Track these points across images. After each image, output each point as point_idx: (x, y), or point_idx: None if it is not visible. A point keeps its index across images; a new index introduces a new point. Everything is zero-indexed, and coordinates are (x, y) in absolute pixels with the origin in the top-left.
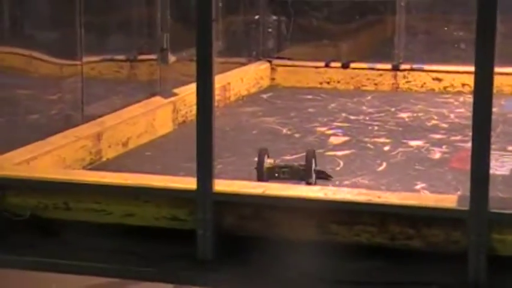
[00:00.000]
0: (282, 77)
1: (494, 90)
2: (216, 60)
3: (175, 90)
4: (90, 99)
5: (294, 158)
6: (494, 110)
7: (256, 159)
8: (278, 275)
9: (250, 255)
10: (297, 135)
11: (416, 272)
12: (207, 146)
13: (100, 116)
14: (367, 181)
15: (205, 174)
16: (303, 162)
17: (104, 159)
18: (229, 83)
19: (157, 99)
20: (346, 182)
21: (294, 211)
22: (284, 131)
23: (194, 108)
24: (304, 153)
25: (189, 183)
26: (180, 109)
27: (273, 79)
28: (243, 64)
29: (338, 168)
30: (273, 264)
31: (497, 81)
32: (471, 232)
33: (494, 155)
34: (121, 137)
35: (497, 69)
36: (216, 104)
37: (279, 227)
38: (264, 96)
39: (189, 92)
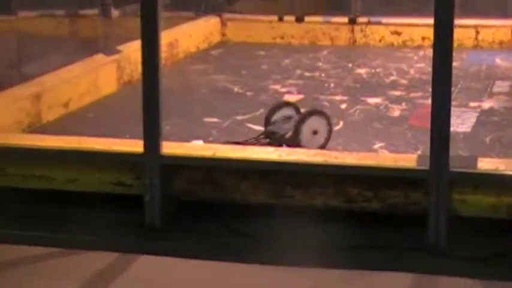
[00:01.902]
0: (232, 33)
1: (455, 44)
2: (162, 15)
3: (119, 48)
4: (28, 57)
5: (246, 118)
6: (455, 64)
7: (207, 119)
8: (229, 242)
9: (201, 222)
10: (249, 93)
11: (375, 235)
12: (154, 106)
13: (39, 76)
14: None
15: (152, 136)
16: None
17: (44, 121)
18: (176, 40)
19: (100, 57)
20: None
21: (247, 174)
22: (236, 89)
23: (140, 66)
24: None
25: (135, 145)
26: (125, 67)
27: (223, 35)
28: (191, 19)
29: None
30: (225, 231)
31: (458, 34)
32: (431, 193)
33: (455, 111)
34: (62, 98)
35: (457, 22)
36: (162, 61)
37: (231, 191)
38: (214, 52)
39: (133, 49)
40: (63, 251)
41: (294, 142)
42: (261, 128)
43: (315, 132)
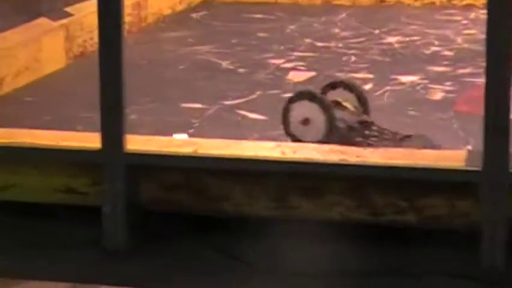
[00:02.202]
0: None
1: None
2: None
3: (68, 9)
4: None
5: (238, 103)
6: None
7: (186, 105)
8: (215, 267)
9: (178, 241)
10: (241, 70)
11: (409, 258)
12: (115, 88)
13: None
14: None
15: (112, 127)
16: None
17: None
18: None
19: (44, 22)
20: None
21: (239, 177)
22: (224, 64)
23: (95, 34)
24: (253, 96)
25: (91, 140)
26: (76, 36)
27: None
28: None
29: None
30: (209, 253)
31: None
32: (485, 201)
33: None
34: None
35: None
36: (126, 27)
37: (218, 200)
38: (195, 15)
39: (87, 12)
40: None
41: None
42: (258, 116)
43: None
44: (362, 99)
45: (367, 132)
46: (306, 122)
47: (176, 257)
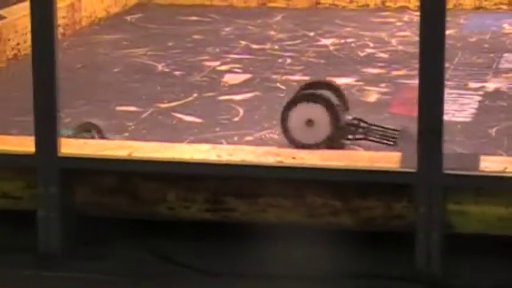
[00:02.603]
0: None
1: (450, 4)
2: None
3: (1, 12)
4: None
5: (174, 106)
6: (449, 32)
7: (121, 108)
8: (153, 271)
9: (115, 245)
10: (177, 73)
11: (344, 261)
12: (48, 91)
13: None
14: (277, 136)
15: (46, 131)
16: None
17: None
18: (79, 1)
19: None
20: (249, 138)
21: (174, 180)
22: (159, 67)
23: (29, 37)
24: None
25: (24, 144)
26: (10, 38)
27: None
28: None
29: (236, 119)
30: (147, 257)
31: None
32: (420, 203)
33: (450, 95)
34: None
35: None
36: (61, 30)
37: (153, 205)
38: (130, 18)
39: (20, 15)
40: None
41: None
42: (193, 119)
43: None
44: (342, 97)
45: (360, 129)
46: (309, 123)
47: (114, 263)
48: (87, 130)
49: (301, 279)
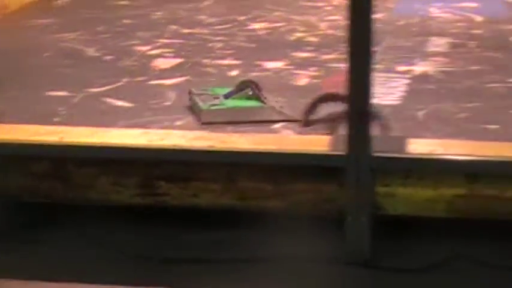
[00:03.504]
0: None
1: None
2: None
3: None
4: None
5: (105, 91)
6: (378, 16)
7: (52, 93)
8: (89, 255)
9: (51, 230)
10: (108, 57)
11: (274, 243)
12: None
13: None
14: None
15: None
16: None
17: None
18: None
19: None
20: (179, 123)
21: (105, 165)
22: (89, 52)
23: None
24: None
25: None
26: None
27: None
28: None
29: (168, 103)
30: (76, 240)
31: None
32: (349, 185)
33: (379, 78)
34: None
35: None
36: None
37: (85, 189)
38: (60, 2)
39: None
40: None
41: None
42: (124, 104)
43: None
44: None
45: None
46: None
47: (49, 247)
48: (246, 87)
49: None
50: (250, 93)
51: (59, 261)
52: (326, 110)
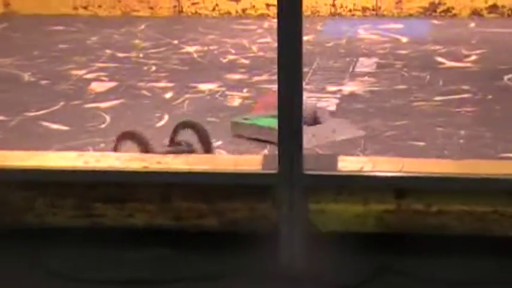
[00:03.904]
0: (19, 2)
1: (308, 11)
2: None
3: None
4: None
5: (41, 115)
6: (307, 38)
7: None
8: (18, 278)
9: None
10: (44, 82)
11: (211, 261)
12: None
13: None
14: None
15: None
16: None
17: None
18: None
19: None
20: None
21: (42, 188)
22: (26, 77)
23: None
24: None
25: None
26: None
27: (6, 4)
28: None
29: (103, 126)
30: (12, 265)
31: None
32: (282, 203)
33: (309, 98)
34: None
35: None
36: None
37: (22, 211)
38: None
39: None
40: None
41: None
42: (60, 127)
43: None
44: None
45: None
46: None
47: None
48: None
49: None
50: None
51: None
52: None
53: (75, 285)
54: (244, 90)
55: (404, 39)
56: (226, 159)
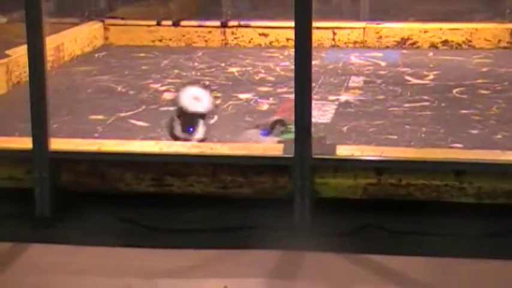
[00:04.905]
0: (115, 36)
1: (315, 44)
2: (48, 20)
3: (8, 52)
4: None
5: (129, 115)
6: (315, 62)
7: (93, 117)
8: (113, 228)
9: (87, 211)
10: (131, 92)
11: (246, 218)
12: (41, 105)
13: None
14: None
15: (40, 133)
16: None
17: None
18: (62, 43)
19: None
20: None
21: (129, 165)
22: (119, 88)
23: (27, 69)
24: (139, 110)
25: (25, 142)
26: (14, 70)
27: (106, 38)
28: (76, 24)
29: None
30: (109, 218)
31: (317, 35)
32: (296, 177)
33: (316, 104)
34: None
35: (316, 24)
36: (50, 64)
37: (116, 182)
38: (98, 55)
39: (22, 54)
40: None
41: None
42: (143, 124)
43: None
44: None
45: None
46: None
47: (90, 223)
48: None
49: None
50: (282, 129)
51: (96, 233)
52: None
53: (153, 233)
54: (270, 98)
55: (383, 64)
56: (258, 146)
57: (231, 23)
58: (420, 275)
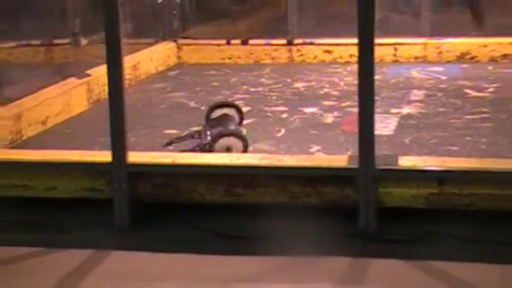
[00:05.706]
0: (187, 55)
1: (377, 60)
2: (125, 41)
3: (89, 72)
4: (8, 83)
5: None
6: (377, 77)
7: (167, 131)
8: (188, 237)
9: (163, 221)
10: (203, 107)
11: (314, 224)
12: (120, 120)
13: (19, 99)
14: (268, 146)
15: (119, 147)
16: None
17: (25, 137)
18: (139, 62)
19: (72, 81)
20: (250, 148)
21: (203, 177)
22: (191, 104)
23: (107, 87)
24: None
25: (105, 156)
26: (94, 89)
27: (179, 57)
28: (151, 44)
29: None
30: (187, 227)
31: (379, 51)
32: (360, 187)
33: (379, 117)
34: (40, 116)
35: (378, 40)
36: (127, 82)
37: (189, 193)
38: (172, 73)
39: (101, 73)
40: (43, 250)
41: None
42: None
43: (228, 149)
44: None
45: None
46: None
47: (165, 232)
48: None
49: (291, 238)
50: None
51: (172, 241)
52: None
53: (226, 241)
54: (335, 112)
55: (443, 78)
56: (324, 158)
57: (296, 41)
58: (490, 284)
